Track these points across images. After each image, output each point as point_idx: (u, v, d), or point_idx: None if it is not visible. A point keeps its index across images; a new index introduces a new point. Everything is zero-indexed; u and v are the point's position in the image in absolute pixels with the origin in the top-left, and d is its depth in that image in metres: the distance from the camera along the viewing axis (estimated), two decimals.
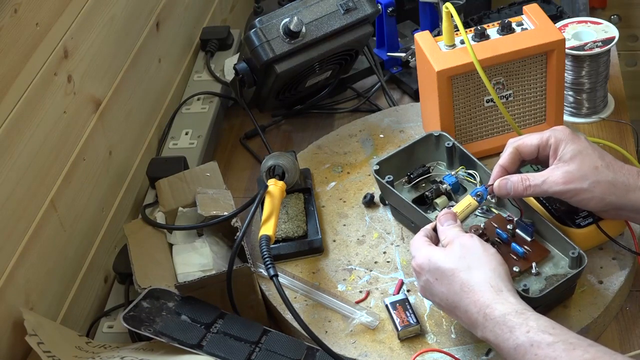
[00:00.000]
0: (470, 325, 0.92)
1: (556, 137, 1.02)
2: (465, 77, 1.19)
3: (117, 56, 1.31)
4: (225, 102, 1.53)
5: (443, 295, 0.94)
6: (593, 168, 0.99)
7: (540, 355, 0.84)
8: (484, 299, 0.90)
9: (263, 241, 1.06)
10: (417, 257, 0.97)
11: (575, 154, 1.00)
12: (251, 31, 1.28)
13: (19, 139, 1.03)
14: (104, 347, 1.03)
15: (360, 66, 1.50)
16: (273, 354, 0.99)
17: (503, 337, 0.87)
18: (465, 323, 0.93)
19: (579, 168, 0.99)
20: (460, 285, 0.92)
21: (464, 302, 0.92)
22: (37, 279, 1.06)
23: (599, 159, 1.00)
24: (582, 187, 0.99)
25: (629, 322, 1.06)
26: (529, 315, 0.88)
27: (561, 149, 1.01)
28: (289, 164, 1.17)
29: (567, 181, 0.99)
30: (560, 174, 1.00)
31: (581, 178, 0.99)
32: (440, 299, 0.95)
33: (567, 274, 1.02)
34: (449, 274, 0.93)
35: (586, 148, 1.01)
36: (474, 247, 0.95)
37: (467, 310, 0.91)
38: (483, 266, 0.93)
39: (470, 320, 0.91)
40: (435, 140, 1.19)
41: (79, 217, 1.18)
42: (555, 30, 1.19)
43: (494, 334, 0.88)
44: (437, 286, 0.95)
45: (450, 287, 0.93)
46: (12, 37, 1.02)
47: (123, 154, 1.32)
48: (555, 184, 1.00)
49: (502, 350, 0.88)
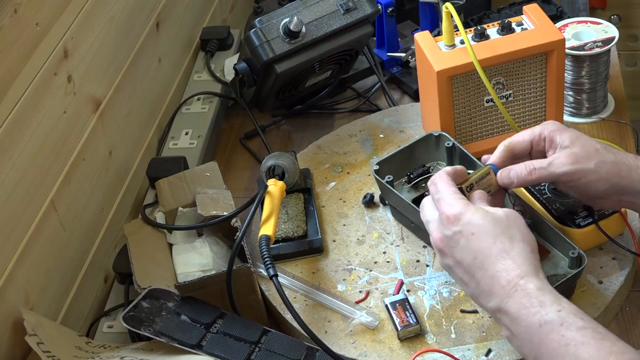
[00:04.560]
0: (488, 293, 0.89)
1: (549, 129, 1.02)
2: (465, 77, 1.19)
3: (117, 56, 1.32)
4: (225, 102, 1.53)
5: (472, 253, 0.90)
6: (594, 150, 1.00)
7: (567, 336, 0.82)
8: (521, 270, 0.87)
9: (263, 241, 1.06)
10: (455, 206, 0.93)
11: (574, 139, 1.00)
12: (251, 31, 1.28)
13: (19, 139, 1.03)
14: (103, 347, 1.03)
15: (360, 66, 1.50)
16: (273, 354, 0.99)
17: (531, 310, 0.84)
18: (481, 289, 0.89)
19: (582, 149, 0.99)
20: (500, 249, 0.89)
21: (497, 266, 0.88)
22: (37, 279, 1.06)
23: (596, 143, 1.01)
24: (589, 168, 0.99)
25: (629, 322, 1.06)
26: (563, 298, 0.86)
27: (558, 137, 1.01)
28: (289, 164, 1.17)
29: (574, 161, 0.99)
30: (565, 156, 0.99)
31: (586, 158, 0.99)
32: (466, 256, 0.91)
33: (567, 274, 1.02)
34: (492, 234, 0.90)
35: (582, 134, 1.02)
36: (521, 223, 0.92)
37: (496, 275, 0.88)
38: (526, 244, 0.90)
39: (492, 286, 0.88)
40: (435, 140, 1.19)
41: (79, 217, 1.18)
42: (555, 30, 1.19)
43: (519, 306, 0.85)
44: (471, 241, 0.91)
45: (487, 247, 0.90)
46: (12, 37, 1.02)
47: (123, 154, 1.33)
48: (562, 165, 0.99)
49: (520, 324, 0.85)
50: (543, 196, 1.12)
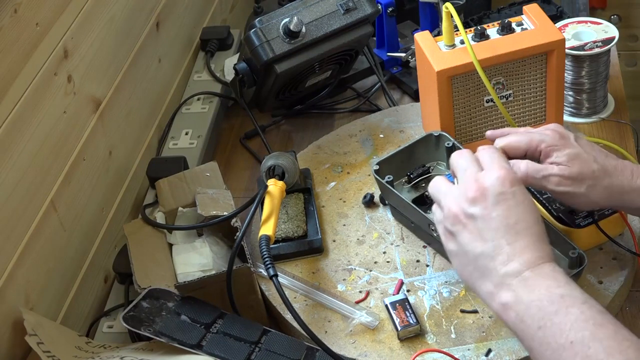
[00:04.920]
0: (513, 255, 0.85)
1: (547, 144, 0.99)
2: (465, 77, 1.19)
3: (117, 56, 1.32)
4: (225, 102, 1.53)
5: (516, 216, 0.87)
6: (590, 172, 0.98)
7: (587, 314, 0.80)
8: (553, 257, 0.87)
9: (263, 241, 1.06)
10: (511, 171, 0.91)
11: (572, 158, 0.98)
12: (251, 31, 1.28)
13: (19, 139, 1.03)
14: (103, 347, 1.03)
15: (360, 66, 1.50)
16: (273, 354, 0.99)
17: (558, 281, 0.84)
18: (505, 251, 0.86)
19: (578, 171, 0.98)
20: (539, 231, 0.88)
21: (534, 239, 0.87)
22: (37, 279, 1.06)
23: (594, 162, 0.98)
24: (579, 192, 0.98)
25: (629, 322, 1.06)
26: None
27: (555, 155, 0.99)
28: (289, 164, 1.17)
29: (566, 184, 0.98)
30: (560, 173, 0.98)
31: (579, 181, 0.98)
32: (508, 215, 0.88)
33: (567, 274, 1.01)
34: (535, 215, 0.89)
35: (580, 152, 0.99)
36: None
37: (530, 246, 0.86)
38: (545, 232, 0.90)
39: (524, 253, 0.85)
40: (435, 140, 1.19)
41: (79, 217, 1.18)
42: (555, 30, 1.19)
43: (547, 275, 0.84)
44: (519, 205, 0.88)
45: (531, 221, 0.88)
46: (12, 37, 1.02)
47: (123, 154, 1.33)
48: (555, 183, 0.98)
49: (539, 289, 0.83)
50: (543, 196, 1.12)
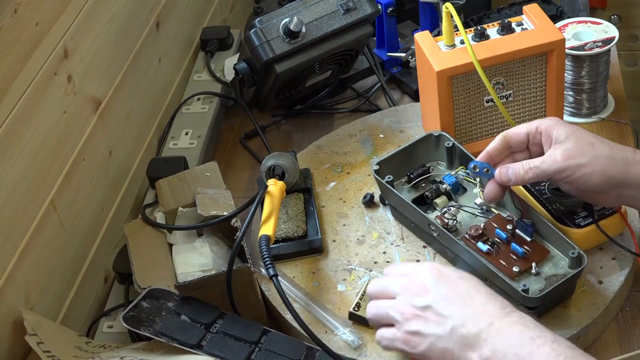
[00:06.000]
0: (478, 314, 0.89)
1: (546, 124, 1.03)
2: (465, 77, 1.19)
3: (117, 56, 1.32)
4: (225, 102, 1.53)
5: (449, 301, 0.91)
6: (589, 144, 1.00)
7: (558, 350, 0.84)
8: (506, 301, 0.91)
9: (263, 241, 1.06)
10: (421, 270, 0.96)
11: (569, 134, 1.01)
12: (251, 31, 1.28)
13: (19, 139, 1.03)
14: (103, 347, 1.03)
15: (360, 66, 1.50)
16: (273, 354, 0.99)
17: (528, 325, 0.87)
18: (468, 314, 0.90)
19: (575, 145, 1.00)
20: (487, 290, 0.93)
21: (489, 297, 0.91)
22: (37, 279, 1.06)
23: (593, 137, 1.01)
24: (582, 162, 0.99)
25: (629, 322, 1.06)
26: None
27: (554, 132, 1.02)
28: (289, 164, 1.17)
29: (566, 157, 1.00)
30: (558, 153, 1.00)
31: (579, 154, 1.00)
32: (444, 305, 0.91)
33: (567, 274, 1.02)
34: (468, 280, 0.94)
35: (578, 128, 1.02)
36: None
37: (491, 303, 0.90)
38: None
39: (486, 310, 0.89)
40: (435, 140, 1.19)
41: (79, 217, 1.18)
42: (555, 30, 1.19)
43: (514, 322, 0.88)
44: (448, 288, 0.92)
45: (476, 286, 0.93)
46: (12, 37, 1.02)
47: (123, 154, 1.33)
48: (554, 162, 1.00)
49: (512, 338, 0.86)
50: (543, 196, 1.12)
